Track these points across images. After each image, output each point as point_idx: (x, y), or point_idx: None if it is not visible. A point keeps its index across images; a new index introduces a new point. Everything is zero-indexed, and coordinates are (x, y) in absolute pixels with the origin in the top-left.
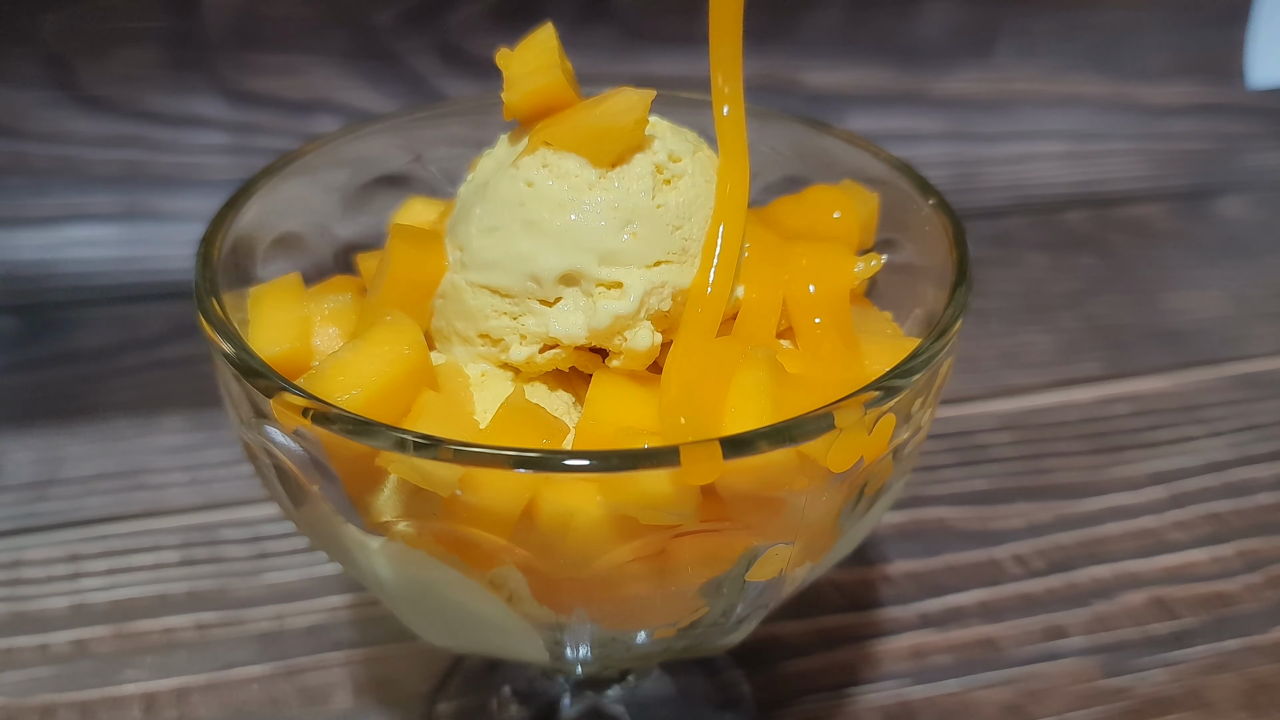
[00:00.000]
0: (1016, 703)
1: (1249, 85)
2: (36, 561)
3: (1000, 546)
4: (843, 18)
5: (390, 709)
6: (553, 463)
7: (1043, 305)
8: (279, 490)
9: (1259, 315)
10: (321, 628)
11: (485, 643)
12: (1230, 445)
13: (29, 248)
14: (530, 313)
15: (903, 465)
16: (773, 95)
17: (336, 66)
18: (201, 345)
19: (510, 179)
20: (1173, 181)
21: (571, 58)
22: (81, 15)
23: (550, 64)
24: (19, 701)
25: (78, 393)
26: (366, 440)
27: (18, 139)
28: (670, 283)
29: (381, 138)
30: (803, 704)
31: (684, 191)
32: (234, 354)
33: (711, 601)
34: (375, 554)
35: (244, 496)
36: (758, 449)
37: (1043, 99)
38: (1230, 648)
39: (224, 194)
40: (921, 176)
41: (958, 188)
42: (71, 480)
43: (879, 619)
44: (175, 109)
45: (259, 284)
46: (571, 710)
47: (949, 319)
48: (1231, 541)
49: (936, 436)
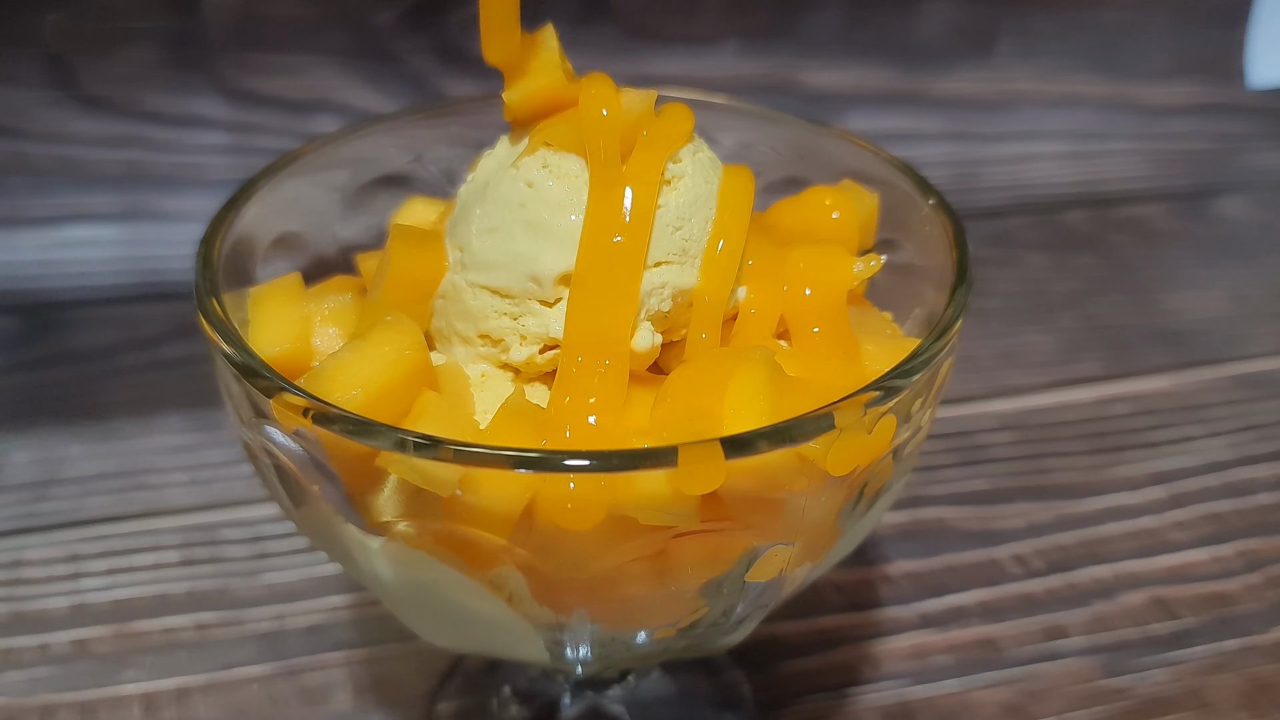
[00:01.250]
0: (1016, 703)
1: (1249, 85)
2: (36, 561)
3: (1000, 546)
4: (843, 18)
5: (390, 709)
6: (553, 463)
7: (1043, 305)
8: (279, 490)
9: (1259, 315)
10: (321, 628)
11: (485, 643)
12: (1230, 445)
13: (29, 248)
14: (530, 313)
15: (903, 465)
16: (773, 95)
17: (336, 66)
18: (201, 345)
19: (511, 179)
20: (1173, 181)
21: (571, 58)
22: (81, 15)
23: (551, 64)
24: (19, 701)
25: (78, 393)
26: (366, 440)
27: (18, 139)
28: (670, 283)
29: (381, 138)
30: (803, 704)
31: (684, 192)
32: (234, 354)
33: (711, 602)
34: (375, 554)
35: (244, 496)
36: (758, 449)
37: (1043, 99)
38: (1230, 648)
39: (224, 194)
40: (921, 176)
41: (958, 188)
42: (71, 480)
43: (879, 619)
44: (175, 109)
45: (259, 284)
46: (571, 710)
47: (949, 319)
48: (1231, 541)
49: (936, 436)
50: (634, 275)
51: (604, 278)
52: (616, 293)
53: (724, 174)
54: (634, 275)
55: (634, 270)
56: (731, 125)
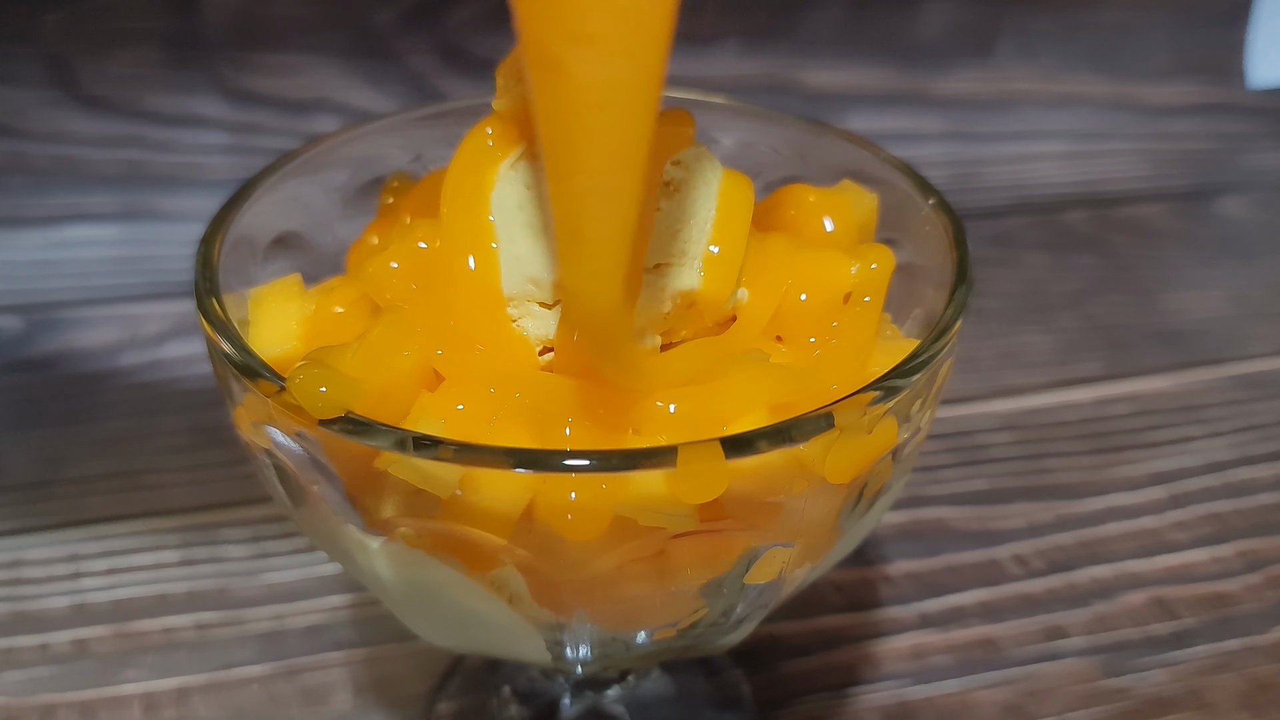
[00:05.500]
0: (1016, 703)
1: (1249, 85)
2: (36, 561)
3: (1000, 546)
4: (843, 18)
5: (390, 709)
6: (553, 463)
7: (1043, 305)
8: (279, 490)
9: (1259, 315)
10: (321, 628)
11: (485, 643)
12: (1230, 445)
13: (29, 248)
14: (529, 315)
15: (903, 466)
16: (773, 95)
17: (336, 66)
18: (201, 345)
19: (510, 181)
20: (1173, 181)
21: None
22: (81, 15)
23: None
24: (19, 701)
25: (78, 393)
26: (366, 440)
27: (18, 139)
28: (670, 285)
29: (381, 138)
30: (803, 704)
31: (683, 194)
32: (234, 354)
33: (711, 602)
34: (375, 554)
35: (244, 496)
36: (757, 449)
37: (1043, 99)
38: (1230, 648)
39: (224, 194)
40: (921, 176)
41: (958, 188)
42: (71, 480)
43: (879, 619)
44: (175, 109)
45: (259, 284)
46: (571, 710)
47: (949, 319)
48: (1232, 541)
49: (936, 436)
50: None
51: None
52: None
53: (724, 177)
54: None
55: (632, 272)
56: (731, 125)
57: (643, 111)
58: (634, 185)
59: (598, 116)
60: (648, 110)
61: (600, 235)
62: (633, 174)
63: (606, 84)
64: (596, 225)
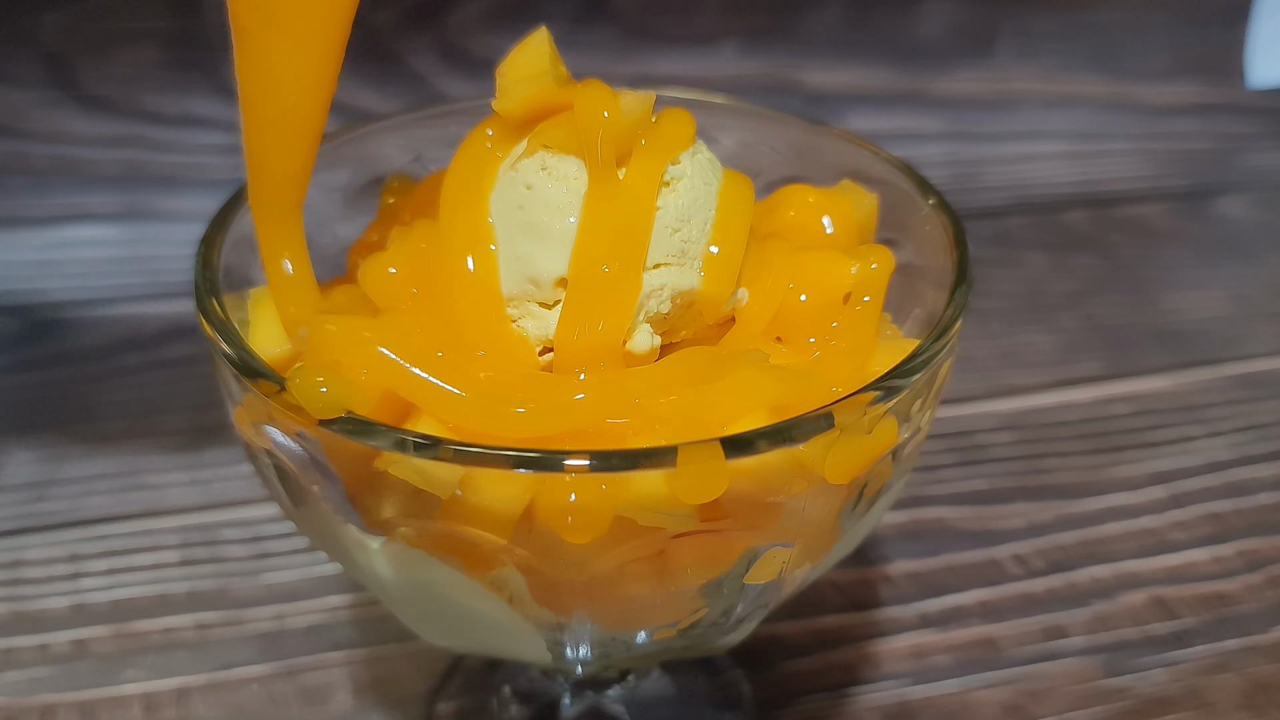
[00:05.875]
0: (1016, 703)
1: (1249, 85)
2: (36, 561)
3: (1000, 546)
4: (843, 18)
5: (390, 709)
6: (553, 463)
7: (1043, 305)
8: (279, 490)
9: (1259, 315)
10: (321, 628)
11: (485, 643)
12: (1230, 445)
13: (29, 248)
14: (529, 315)
15: (902, 466)
16: (773, 95)
17: None
18: (201, 345)
19: (509, 182)
20: (1173, 181)
21: (571, 58)
22: (81, 15)
23: (540, 71)
24: (19, 701)
25: (78, 393)
26: (366, 440)
27: (18, 139)
28: (669, 285)
29: (381, 138)
30: (803, 704)
31: (683, 194)
32: (234, 354)
33: (711, 602)
34: (375, 554)
35: (244, 496)
36: (757, 449)
37: (1043, 99)
38: (1230, 648)
39: (224, 194)
40: (921, 176)
41: (958, 188)
42: (71, 480)
43: (879, 619)
44: (175, 109)
45: (259, 284)
46: (571, 710)
47: (949, 319)
48: (1231, 541)
49: (936, 436)
50: (631, 278)
51: (599, 281)
52: (612, 296)
53: (724, 177)
54: (631, 278)
55: (632, 273)
56: (731, 125)
57: (313, 82)
58: (304, 136)
59: (275, 80)
60: (319, 81)
61: (275, 170)
62: (302, 125)
63: (284, 57)
64: (274, 160)
